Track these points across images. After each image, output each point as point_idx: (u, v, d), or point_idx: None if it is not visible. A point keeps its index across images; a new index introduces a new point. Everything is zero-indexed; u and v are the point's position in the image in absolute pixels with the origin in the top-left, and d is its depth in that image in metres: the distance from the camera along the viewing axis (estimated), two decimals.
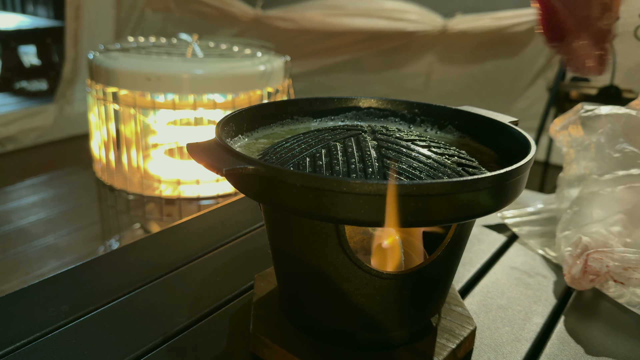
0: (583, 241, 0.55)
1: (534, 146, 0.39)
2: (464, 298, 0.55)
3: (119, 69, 1.36)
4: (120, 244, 1.55)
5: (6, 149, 2.46)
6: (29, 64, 3.33)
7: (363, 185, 0.31)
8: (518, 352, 0.46)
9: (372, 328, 0.41)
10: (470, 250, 0.65)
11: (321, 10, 2.56)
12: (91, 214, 1.90)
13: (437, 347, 0.43)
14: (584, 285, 0.55)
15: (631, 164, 0.59)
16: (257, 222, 0.70)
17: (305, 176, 0.32)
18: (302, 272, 0.41)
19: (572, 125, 0.65)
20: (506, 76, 2.47)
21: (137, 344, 0.46)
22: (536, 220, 0.70)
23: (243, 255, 0.62)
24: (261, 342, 0.44)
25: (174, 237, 0.66)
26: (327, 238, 0.37)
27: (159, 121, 1.44)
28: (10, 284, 1.48)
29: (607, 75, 1.90)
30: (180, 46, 1.63)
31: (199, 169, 1.27)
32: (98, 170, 1.55)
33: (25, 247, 1.65)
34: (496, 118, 0.47)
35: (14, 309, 0.50)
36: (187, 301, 0.52)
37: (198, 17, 2.80)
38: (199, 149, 0.37)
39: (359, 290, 0.39)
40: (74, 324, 0.48)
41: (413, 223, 0.33)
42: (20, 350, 0.44)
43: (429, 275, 0.40)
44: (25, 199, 2.00)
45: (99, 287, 0.54)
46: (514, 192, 0.36)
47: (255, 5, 2.68)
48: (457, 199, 0.33)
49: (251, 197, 0.36)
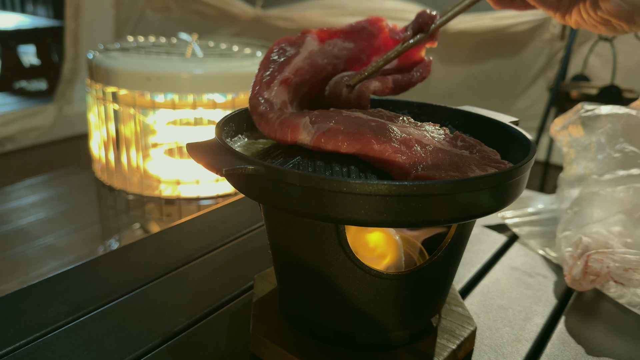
0: (583, 241, 0.55)
1: (534, 146, 0.39)
2: (464, 298, 0.55)
3: (118, 68, 1.36)
4: (119, 244, 1.55)
5: (6, 148, 2.46)
6: (28, 63, 3.33)
7: (363, 185, 0.31)
8: (518, 353, 0.46)
9: (372, 328, 0.41)
10: (470, 250, 0.65)
11: (321, 10, 2.56)
12: (91, 214, 1.90)
13: (438, 347, 0.43)
14: (585, 286, 0.55)
15: (631, 164, 0.59)
16: (257, 222, 0.70)
17: (305, 176, 0.32)
18: (302, 273, 0.41)
19: (572, 125, 0.65)
20: (506, 76, 2.47)
21: (137, 344, 0.45)
22: (536, 220, 0.70)
23: (243, 255, 0.62)
24: (261, 342, 0.43)
25: (174, 237, 0.66)
26: (327, 238, 0.37)
27: (159, 121, 1.44)
28: (10, 284, 1.48)
29: (607, 75, 1.90)
30: (180, 46, 1.63)
31: (198, 169, 1.27)
32: (97, 170, 1.55)
33: (25, 247, 1.65)
34: (496, 118, 0.47)
35: (14, 309, 0.50)
36: (187, 301, 0.52)
37: (198, 16, 2.80)
38: (199, 149, 0.37)
39: (359, 290, 0.39)
40: (74, 324, 0.48)
41: (413, 223, 0.33)
42: (20, 350, 0.44)
43: (429, 275, 0.40)
44: (25, 199, 2.00)
45: (98, 287, 0.54)
46: (514, 192, 0.36)
47: (255, 5, 2.68)
48: (458, 199, 0.32)
49: (251, 197, 0.36)
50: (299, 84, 0.43)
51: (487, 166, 0.37)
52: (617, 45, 1.83)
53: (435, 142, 0.39)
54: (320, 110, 0.40)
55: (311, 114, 0.39)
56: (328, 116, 0.39)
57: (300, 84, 0.43)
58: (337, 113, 0.40)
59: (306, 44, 0.44)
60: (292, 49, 0.43)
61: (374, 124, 0.38)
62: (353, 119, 0.39)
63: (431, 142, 0.38)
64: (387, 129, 0.37)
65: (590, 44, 1.99)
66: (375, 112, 0.43)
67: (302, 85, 0.43)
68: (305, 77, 0.43)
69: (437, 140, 0.39)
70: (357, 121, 0.38)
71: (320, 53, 0.44)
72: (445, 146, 0.39)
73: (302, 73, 0.42)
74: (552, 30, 2.25)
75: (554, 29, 2.23)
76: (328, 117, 0.38)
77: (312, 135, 0.37)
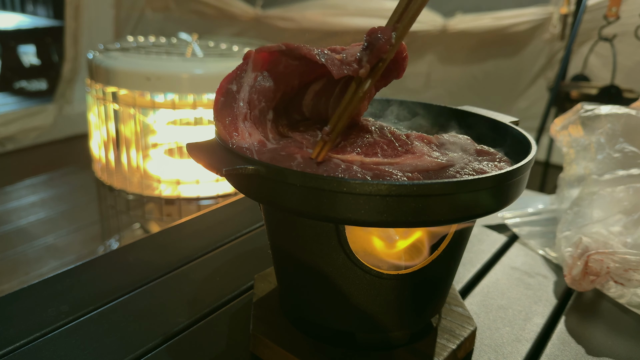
0: (583, 242, 0.55)
1: (534, 146, 0.39)
2: (464, 298, 0.55)
3: (118, 68, 1.36)
4: (120, 244, 1.55)
5: (6, 148, 2.46)
6: (28, 63, 3.33)
7: (363, 186, 0.31)
8: (518, 353, 0.46)
9: (372, 328, 0.41)
10: (470, 250, 0.65)
11: (321, 10, 2.56)
12: (91, 214, 1.90)
13: (438, 347, 0.43)
14: (585, 286, 0.55)
15: (631, 164, 0.59)
16: (257, 222, 0.70)
17: (305, 176, 0.32)
18: (302, 273, 0.41)
19: (572, 125, 0.65)
20: (506, 76, 2.47)
21: (137, 344, 0.45)
22: (536, 220, 0.70)
23: (243, 255, 0.62)
24: (261, 342, 0.43)
25: (174, 237, 0.66)
26: (327, 238, 0.37)
27: (159, 121, 1.44)
28: (10, 284, 1.48)
29: (607, 75, 1.90)
30: (180, 46, 1.63)
31: (198, 169, 1.27)
32: (97, 170, 1.55)
33: (25, 247, 1.65)
34: (497, 118, 0.47)
35: (14, 309, 0.50)
36: (187, 301, 0.52)
37: (198, 16, 2.80)
38: (199, 149, 0.37)
39: (359, 290, 0.39)
40: (74, 324, 0.48)
41: (413, 223, 0.33)
42: (20, 350, 0.44)
43: (429, 275, 0.40)
44: (25, 199, 2.00)
45: (98, 287, 0.54)
46: (514, 193, 0.36)
47: (255, 5, 2.68)
48: (457, 199, 0.32)
49: (251, 197, 0.36)
50: (262, 109, 0.40)
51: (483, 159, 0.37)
52: (617, 45, 1.83)
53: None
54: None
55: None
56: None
57: (263, 108, 0.40)
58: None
59: (246, 76, 0.40)
60: (234, 85, 0.40)
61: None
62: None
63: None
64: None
65: (590, 44, 1.99)
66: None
67: (266, 107, 0.40)
68: (262, 103, 0.40)
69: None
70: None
71: (265, 78, 0.40)
72: (439, 157, 0.38)
73: (254, 102, 0.39)
74: (552, 30, 2.25)
75: (554, 29, 2.23)
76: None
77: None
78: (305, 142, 0.39)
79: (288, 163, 0.36)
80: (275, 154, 0.37)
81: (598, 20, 1.82)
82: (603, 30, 1.71)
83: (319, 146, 0.36)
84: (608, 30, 1.72)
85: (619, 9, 1.63)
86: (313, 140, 0.39)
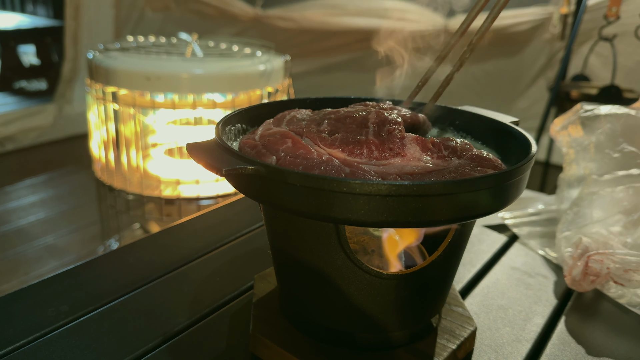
0: (583, 242, 0.55)
1: (534, 146, 0.39)
2: (464, 298, 0.55)
3: (118, 68, 1.36)
4: (119, 244, 1.55)
5: (6, 148, 2.45)
6: (28, 63, 3.33)
7: (363, 186, 0.31)
8: (518, 353, 0.46)
9: (372, 329, 0.41)
10: (470, 250, 0.65)
11: (321, 10, 2.56)
12: (91, 214, 1.90)
13: (438, 347, 0.42)
14: (585, 286, 0.55)
15: (630, 164, 0.59)
16: (257, 222, 0.70)
17: (305, 176, 0.32)
18: (302, 273, 0.41)
19: (572, 125, 0.65)
20: (507, 76, 2.47)
21: (137, 344, 0.45)
22: (536, 220, 0.70)
23: (243, 255, 0.62)
24: (261, 342, 0.43)
25: (174, 237, 0.66)
26: (327, 238, 0.37)
27: (159, 121, 1.44)
28: (10, 284, 1.48)
29: (607, 75, 1.90)
30: (179, 46, 1.63)
31: (198, 169, 1.27)
32: (97, 170, 1.55)
33: (25, 247, 1.65)
34: (497, 118, 0.47)
35: (14, 309, 0.50)
36: (187, 301, 0.52)
37: (198, 16, 2.80)
38: (199, 149, 0.37)
39: (359, 290, 0.39)
40: (74, 324, 0.48)
41: (413, 223, 0.33)
42: (19, 350, 0.44)
43: (429, 275, 0.40)
44: (25, 199, 1.99)
45: (98, 287, 0.54)
46: (514, 193, 0.36)
47: (255, 5, 2.68)
48: (458, 199, 0.32)
49: (251, 197, 0.36)
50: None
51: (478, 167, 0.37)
52: (617, 45, 1.83)
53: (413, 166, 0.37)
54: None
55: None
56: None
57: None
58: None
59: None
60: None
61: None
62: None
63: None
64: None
65: (590, 44, 1.99)
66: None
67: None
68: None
69: (422, 161, 0.38)
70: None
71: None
72: (429, 162, 0.38)
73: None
74: (552, 30, 2.25)
75: (554, 29, 2.23)
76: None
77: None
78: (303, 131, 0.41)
79: (277, 146, 0.38)
80: (267, 135, 0.39)
81: (598, 20, 1.83)
82: (603, 30, 1.71)
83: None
84: (608, 30, 1.72)
85: (619, 9, 1.63)
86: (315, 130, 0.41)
